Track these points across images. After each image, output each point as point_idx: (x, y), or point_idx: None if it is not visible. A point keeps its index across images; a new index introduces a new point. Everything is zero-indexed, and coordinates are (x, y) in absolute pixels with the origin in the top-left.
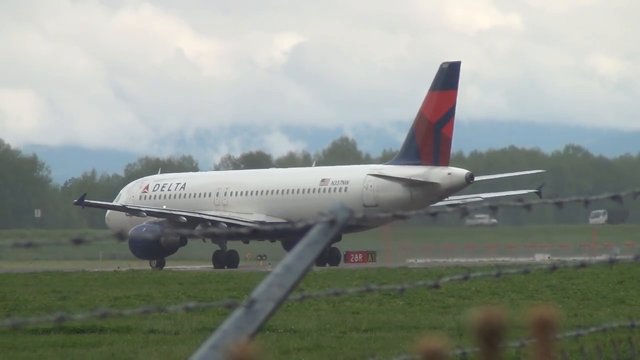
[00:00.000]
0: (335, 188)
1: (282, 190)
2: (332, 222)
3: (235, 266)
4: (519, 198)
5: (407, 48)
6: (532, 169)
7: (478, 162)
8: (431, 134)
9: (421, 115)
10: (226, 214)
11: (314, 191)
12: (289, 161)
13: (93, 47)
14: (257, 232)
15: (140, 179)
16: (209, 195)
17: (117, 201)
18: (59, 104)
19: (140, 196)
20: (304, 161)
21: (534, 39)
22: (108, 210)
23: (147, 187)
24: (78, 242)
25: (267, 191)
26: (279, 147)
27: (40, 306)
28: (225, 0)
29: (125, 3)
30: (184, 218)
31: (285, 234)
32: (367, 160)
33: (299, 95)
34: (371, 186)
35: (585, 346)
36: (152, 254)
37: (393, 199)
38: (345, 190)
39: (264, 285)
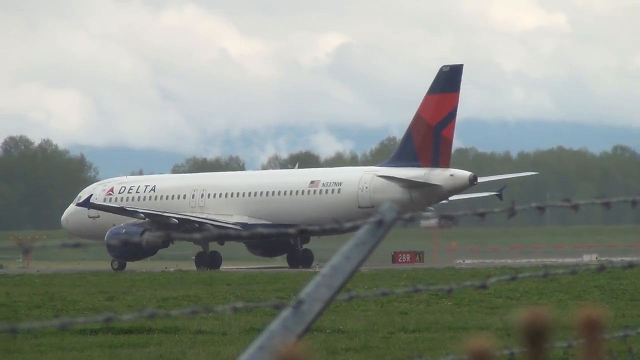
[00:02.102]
0: (327, 190)
1: (267, 192)
2: (379, 223)
3: (218, 267)
4: (566, 198)
5: (451, 48)
6: (580, 170)
7: (525, 163)
8: (430, 136)
9: (418, 117)
10: (204, 216)
11: (302, 193)
12: (337, 161)
13: (138, 47)
14: (305, 232)
15: (102, 181)
16: (184, 197)
17: (75, 204)
18: (105, 104)
19: (105, 199)
20: (352, 161)
21: (578, 39)
22: (66, 212)
23: (111, 190)
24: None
25: (250, 193)
26: (326, 147)
27: (88, 307)
28: (269, 1)
29: (169, 3)
30: (175, 220)
31: (332, 233)
32: None
33: (344, 95)
34: (367, 187)
35: (633, 347)
36: (132, 255)
37: (391, 201)
38: (339, 191)
39: (311, 285)
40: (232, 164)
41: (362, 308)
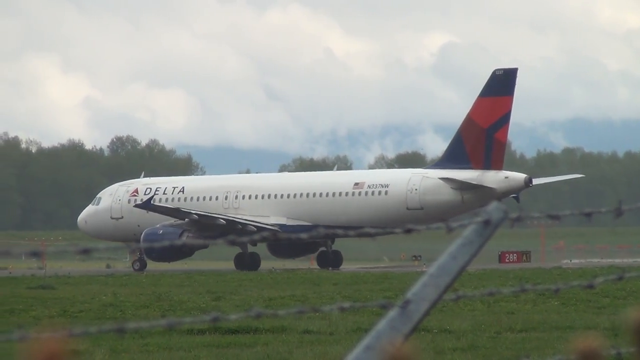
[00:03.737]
0: (373, 191)
1: (308, 194)
2: (486, 222)
3: (256, 268)
4: None
5: (556, 48)
6: None
7: (633, 162)
8: (482, 139)
9: (469, 120)
10: (239, 217)
11: (346, 195)
12: None
13: (242, 46)
14: (410, 231)
15: (124, 182)
16: (216, 199)
17: (94, 205)
18: (210, 104)
19: (129, 200)
20: None
21: None
22: (83, 213)
23: (136, 191)
24: (232, 243)
25: (289, 194)
26: (432, 146)
27: (195, 306)
28: (374, 1)
29: (273, 3)
30: (223, 221)
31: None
32: (522, 160)
33: (449, 95)
34: (416, 189)
35: None
36: (170, 256)
37: (441, 202)
38: (386, 193)
39: (418, 285)
40: (340, 164)
41: (469, 308)
